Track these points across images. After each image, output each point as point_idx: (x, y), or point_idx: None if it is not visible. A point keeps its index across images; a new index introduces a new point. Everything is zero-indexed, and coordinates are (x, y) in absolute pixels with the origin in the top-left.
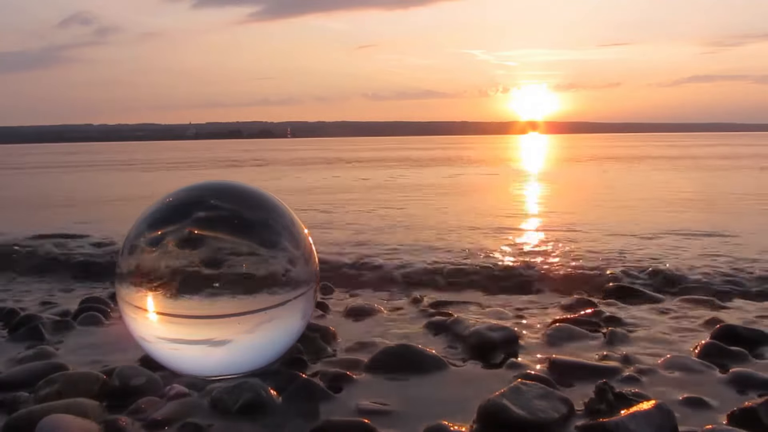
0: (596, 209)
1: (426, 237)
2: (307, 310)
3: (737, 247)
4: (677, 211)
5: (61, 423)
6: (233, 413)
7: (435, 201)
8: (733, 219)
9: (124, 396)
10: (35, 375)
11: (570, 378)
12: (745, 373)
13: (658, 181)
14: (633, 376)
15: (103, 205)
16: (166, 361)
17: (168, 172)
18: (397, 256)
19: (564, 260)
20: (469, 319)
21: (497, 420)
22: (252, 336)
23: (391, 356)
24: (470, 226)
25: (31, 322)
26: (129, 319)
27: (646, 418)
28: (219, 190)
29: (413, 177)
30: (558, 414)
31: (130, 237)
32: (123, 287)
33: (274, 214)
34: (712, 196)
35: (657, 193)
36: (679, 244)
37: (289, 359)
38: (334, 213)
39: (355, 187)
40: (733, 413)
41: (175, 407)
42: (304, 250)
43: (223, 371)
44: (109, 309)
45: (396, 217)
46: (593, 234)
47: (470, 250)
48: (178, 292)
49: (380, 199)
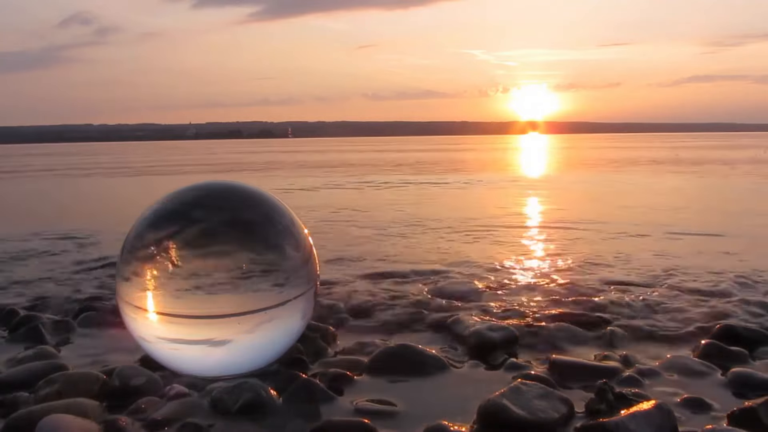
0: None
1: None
2: (307, 310)
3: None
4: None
5: (61, 423)
6: (233, 413)
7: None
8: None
9: (124, 396)
10: (35, 375)
11: (570, 378)
12: (745, 373)
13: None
14: (633, 376)
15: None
16: (166, 361)
17: (129, 178)
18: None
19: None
20: (469, 319)
21: (497, 420)
22: (252, 336)
23: (391, 356)
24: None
25: (31, 322)
26: (129, 319)
27: (646, 418)
28: (219, 190)
29: (410, 196)
30: (558, 414)
31: (129, 237)
32: (123, 287)
33: (274, 214)
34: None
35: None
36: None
37: (289, 359)
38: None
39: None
40: (733, 413)
41: (175, 407)
42: (304, 250)
43: (223, 371)
44: (108, 309)
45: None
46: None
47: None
48: (178, 292)
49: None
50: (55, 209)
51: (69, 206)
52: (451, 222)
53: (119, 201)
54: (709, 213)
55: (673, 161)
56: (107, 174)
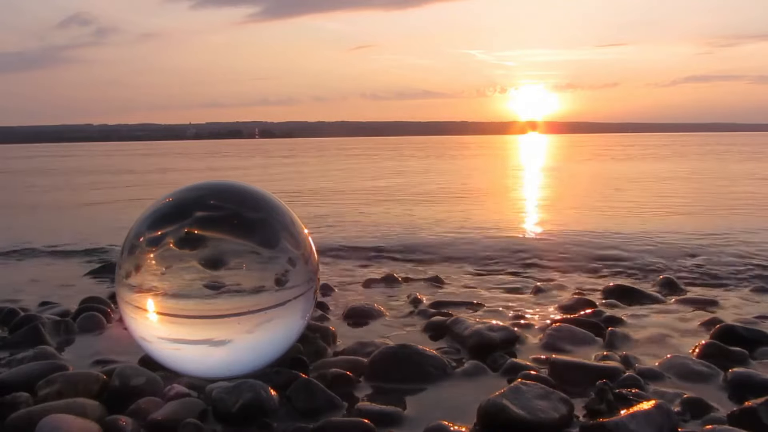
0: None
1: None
2: (307, 310)
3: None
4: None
5: (61, 423)
6: (233, 413)
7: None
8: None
9: (124, 396)
10: (35, 375)
11: (570, 378)
12: (745, 373)
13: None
14: (633, 376)
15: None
16: (167, 362)
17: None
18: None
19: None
20: (469, 319)
21: (497, 420)
22: (252, 336)
23: (391, 357)
24: None
25: (31, 322)
26: (129, 319)
27: (646, 418)
28: (219, 190)
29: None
30: (558, 414)
31: (130, 237)
32: (123, 287)
33: (274, 214)
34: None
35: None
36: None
37: (289, 359)
38: None
39: None
40: (733, 413)
41: (175, 407)
42: (304, 249)
43: (223, 371)
44: (109, 309)
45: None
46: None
47: None
48: (178, 292)
49: None
50: (55, 209)
51: (69, 206)
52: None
53: (119, 201)
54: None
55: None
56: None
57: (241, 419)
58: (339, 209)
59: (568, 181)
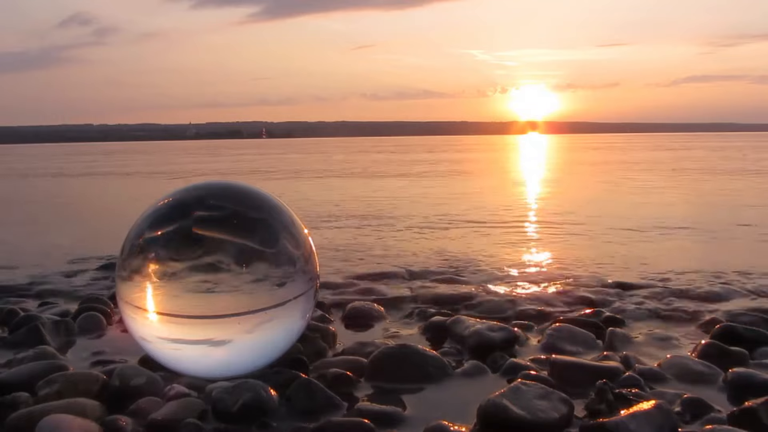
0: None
1: None
2: (307, 310)
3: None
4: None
5: (61, 423)
6: (233, 413)
7: None
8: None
9: (124, 396)
10: (35, 375)
11: (570, 378)
12: (745, 373)
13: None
14: (633, 376)
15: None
16: (167, 361)
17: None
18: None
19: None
20: (469, 319)
21: (497, 420)
22: (252, 336)
23: (391, 357)
24: None
25: (31, 322)
26: (129, 319)
27: (646, 418)
28: (219, 190)
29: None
30: (558, 414)
31: (130, 237)
32: (123, 287)
33: (274, 214)
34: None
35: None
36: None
37: (289, 359)
38: None
39: None
40: (733, 413)
41: (175, 407)
42: (304, 249)
43: (223, 371)
44: (109, 309)
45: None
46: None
47: None
48: (178, 292)
49: None
50: (54, 209)
51: (69, 207)
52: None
53: (118, 201)
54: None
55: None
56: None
57: (241, 419)
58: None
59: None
